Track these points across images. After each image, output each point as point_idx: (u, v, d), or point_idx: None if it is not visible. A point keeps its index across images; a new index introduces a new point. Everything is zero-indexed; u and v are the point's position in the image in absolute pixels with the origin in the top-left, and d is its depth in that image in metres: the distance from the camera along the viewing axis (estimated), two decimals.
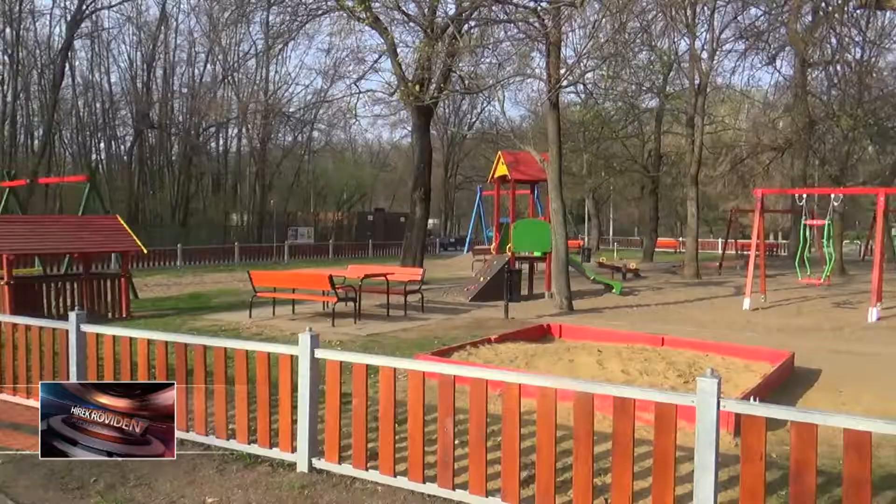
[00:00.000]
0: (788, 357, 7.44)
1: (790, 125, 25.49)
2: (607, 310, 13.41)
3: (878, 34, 23.24)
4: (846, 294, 16.09)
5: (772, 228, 49.83)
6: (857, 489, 3.06)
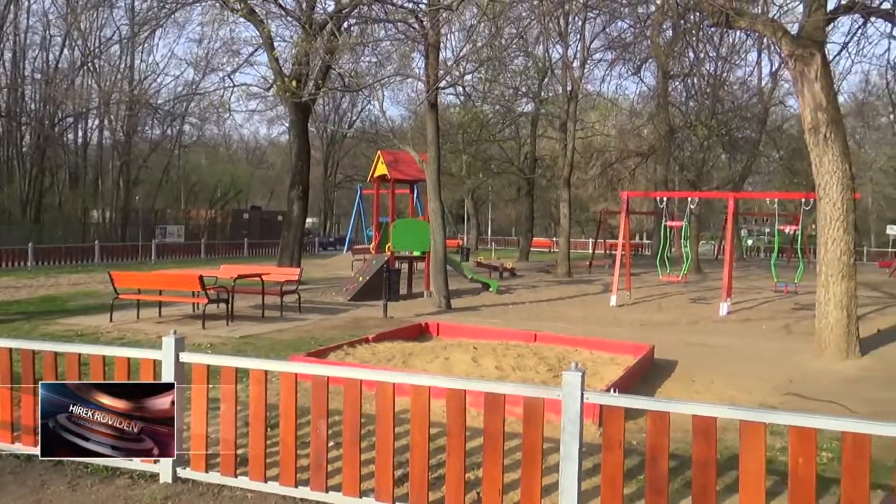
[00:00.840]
0: (649, 350, 7.93)
1: (653, 133, 27.19)
2: (484, 308, 13.73)
3: (729, 51, 25.29)
4: (701, 290, 17.38)
5: (637, 229, 53.02)
6: (704, 470, 3.30)
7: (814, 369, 8.35)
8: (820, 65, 9.08)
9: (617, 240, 17.87)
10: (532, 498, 3.56)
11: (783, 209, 28.92)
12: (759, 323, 12.15)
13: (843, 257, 8.96)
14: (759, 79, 31.45)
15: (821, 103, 9.02)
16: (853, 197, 9.41)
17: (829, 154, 9.03)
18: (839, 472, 3.18)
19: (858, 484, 3.05)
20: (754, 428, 3.19)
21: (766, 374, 7.93)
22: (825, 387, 7.39)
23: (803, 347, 9.59)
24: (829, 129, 9.01)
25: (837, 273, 8.93)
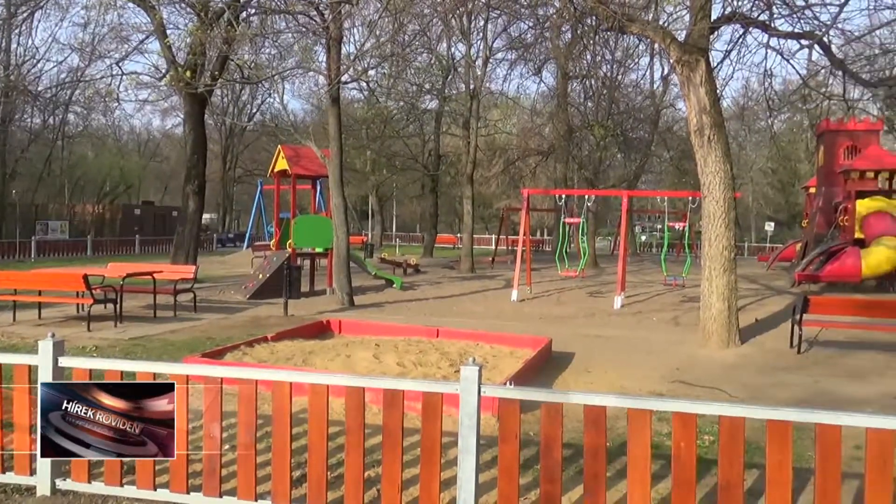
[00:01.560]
0: (547, 343, 8.16)
1: (553, 132, 27.94)
2: (388, 304, 13.70)
3: (623, 55, 26.39)
4: (598, 285, 18.05)
5: (538, 225, 54.46)
6: (595, 457, 3.42)
7: (699, 358, 8.86)
8: (704, 71, 9.62)
9: (519, 236, 18.27)
10: (431, 492, 3.58)
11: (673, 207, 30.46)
12: (650, 315, 12.75)
13: (725, 252, 9.55)
14: (651, 82, 33.09)
15: (705, 107, 9.56)
16: (734, 196, 10.04)
17: (712, 155, 9.59)
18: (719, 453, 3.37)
19: (734, 464, 3.26)
20: (640, 415, 3.34)
21: (655, 363, 8.33)
22: (709, 374, 7.85)
23: (690, 337, 10.15)
24: (712, 131, 9.56)
25: (720, 267, 9.51)
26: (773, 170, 53.12)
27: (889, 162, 18.78)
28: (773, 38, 11.33)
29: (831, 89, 15.46)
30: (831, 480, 3.17)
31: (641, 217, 54.63)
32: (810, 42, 8.10)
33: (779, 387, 7.33)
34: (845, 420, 3.19)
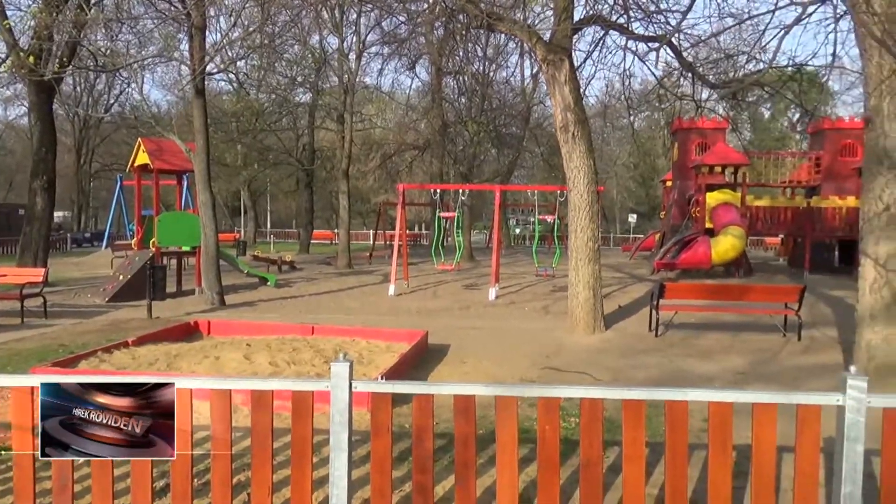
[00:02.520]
0: (423, 336, 8.24)
1: (429, 127, 28.22)
2: (261, 303, 13.30)
3: (495, 52, 27.06)
4: (473, 277, 18.43)
5: (416, 220, 54.79)
6: (465, 445, 3.49)
7: (567, 344, 9.27)
8: (568, 70, 10.04)
9: (395, 231, 18.27)
10: (303, 492, 3.51)
11: (544, 200, 31.66)
12: (523, 305, 13.20)
13: (590, 243, 10.05)
14: (522, 80, 34.17)
15: (569, 104, 9.99)
16: (598, 189, 10.58)
17: (577, 150, 10.04)
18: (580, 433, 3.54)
19: (594, 443, 3.44)
20: (507, 402, 3.45)
21: (527, 351, 8.63)
22: (576, 359, 8.24)
23: (559, 325, 10.61)
24: (576, 128, 10.02)
25: (585, 257, 10.00)
26: (634, 165, 56.46)
27: (734, 158, 20.46)
28: (630, 40, 12.06)
29: (684, 90, 16.59)
30: (679, 451, 3.42)
31: (515, 211, 56.35)
32: (658, 44, 8.65)
33: (639, 368, 7.82)
34: (690, 396, 3.45)
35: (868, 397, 3.34)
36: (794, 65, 12.50)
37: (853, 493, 3.35)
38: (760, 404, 3.41)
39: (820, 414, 3.39)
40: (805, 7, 4.86)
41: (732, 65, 15.79)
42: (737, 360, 8.33)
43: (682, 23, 10.51)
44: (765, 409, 3.39)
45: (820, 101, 26.07)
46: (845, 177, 20.40)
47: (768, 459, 3.42)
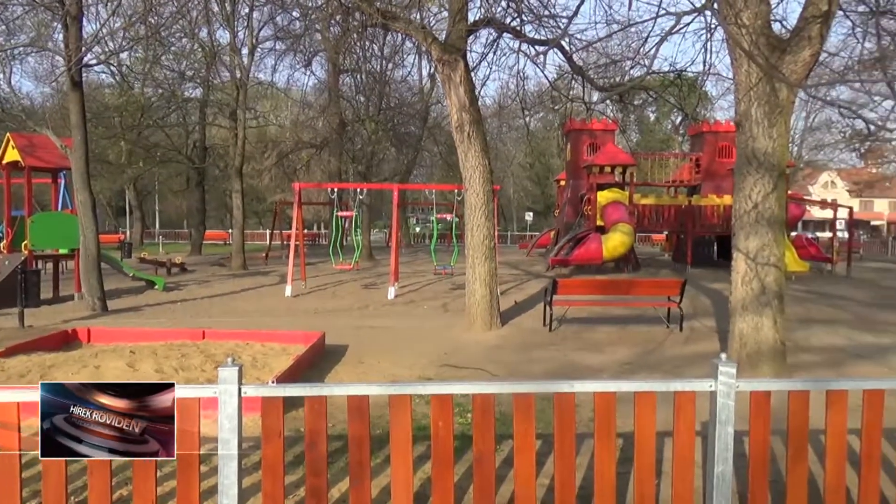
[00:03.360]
0: (320, 337, 8.11)
1: (326, 125, 27.80)
2: (148, 307, 12.67)
3: (392, 51, 27.00)
4: (372, 276, 18.35)
5: (315, 219, 53.94)
6: (360, 446, 3.47)
7: (465, 341, 9.40)
8: (463, 71, 10.17)
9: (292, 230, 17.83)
10: (190, 503, 3.37)
11: (444, 199, 31.94)
12: (422, 304, 13.27)
13: (486, 241, 10.23)
14: (420, 79, 34.32)
15: (464, 105, 10.12)
16: (493, 188, 10.78)
17: (472, 150, 10.19)
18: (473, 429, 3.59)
19: (486, 438, 3.50)
20: (400, 400, 3.45)
21: (426, 349, 8.68)
22: (473, 356, 8.37)
23: (457, 322, 10.74)
24: (471, 128, 10.16)
25: (481, 255, 10.17)
26: (530, 164, 58.02)
27: (622, 158, 21.43)
28: (523, 43, 12.37)
29: (575, 93, 17.19)
30: (567, 442, 3.54)
31: (415, 209, 56.60)
32: (546, 48, 8.94)
33: (533, 362, 8.04)
34: (577, 387, 3.58)
35: (737, 382, 3.58)
36: (675, 71, 13.26)
37: (724, 471, 3.59)
38: (640, 393, 3.58)
39: (694, 399, 3.61)
40: (679, 17, 5.15)
41: (618, 69, 16.54)
42: (625, 352, 8.73)
43: (569, 27, 10.87)
44: (644, 397, 3.57)
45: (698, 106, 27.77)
46: (722, 176, 21.81)
47: (649, 444, 3.59)
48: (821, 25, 7.06)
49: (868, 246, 39.30)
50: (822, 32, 7.13)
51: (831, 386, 3.73)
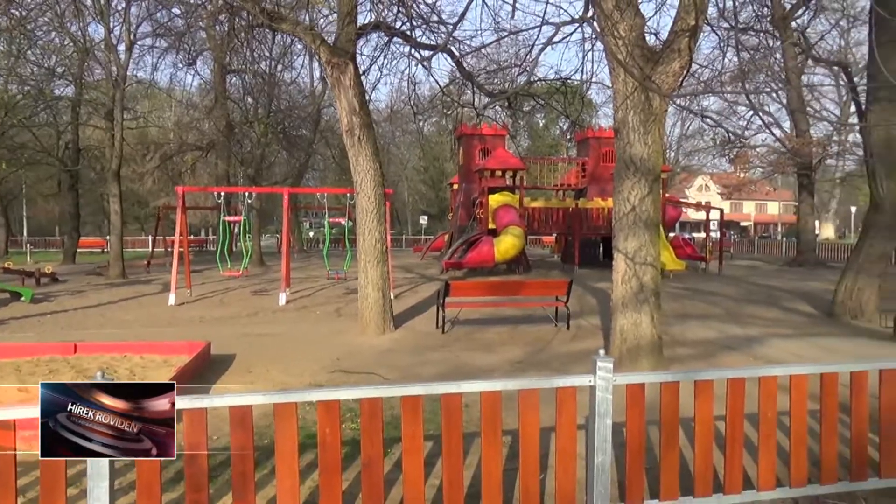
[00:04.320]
0: (205, 346, 7.79)
1: (213, 127, 26.78)
2: (13, 321, 11.71)
3: (281, 52, 26.37)
4: (263, 283, 17.85)
5: (202, 224, 51.88)
6: (243, 457, 3.35)
7: (358, 346, 9.32)
8: (353, 74, 10.09)
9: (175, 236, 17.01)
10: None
11: (338, 203, 31.52)
12: (314, 309, 13.03)
13: (378, 245, 10.19)
14: (311, 81, 33.76)
15: (355, 108, 10.05)
16: (385, 192, 10.75)
17: (363, 154, 10.13)
18: (361, 433, 3.56)
19: (374, 442, 3.48)
20: (285, 409, 3.37)
21: (317, 355, 8.53)
22: (366, 360, 8.31)
23: (350, 327, 10.63)
24: (362, 131, 10.10)
25: (374, 259, 10.12)
26: (424, 168, 58.40)
27: (512, 163, 21.97)
28: (414, 48, 12.44)
29: (467, 98, 17.47)
30: (455, 442, 3.58)
31: (308, 213, 55.52)
32: (432, 52, 9.05)
33: (426, 364, 8.08)
34: (464, 388, 3.63)
35: (614, 377, 3.75)
36: (560, 79, 13.74)
37: (604, 462, 3.75)
38: (524, 390, 3.68)
39: (575, 395, 3.74)
40: (558, 27, 5.35)
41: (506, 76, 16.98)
42: (515, 351, 8.94)
43: (455, 31, 11.03)
44: (528, 394, 3.67)
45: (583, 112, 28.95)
46: (606, 180, 22.83)
47: (533, 440, 3.70)
48: (689, 39, 7.53)
49: (738, 245, 42.32)
50: (690, 45, 7.61)
51: (699, 376, 3.99)
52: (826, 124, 27.84)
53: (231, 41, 21.92)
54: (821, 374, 4.16)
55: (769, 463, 4.06)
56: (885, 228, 11.86)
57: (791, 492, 4.12)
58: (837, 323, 11.49)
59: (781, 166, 29.34)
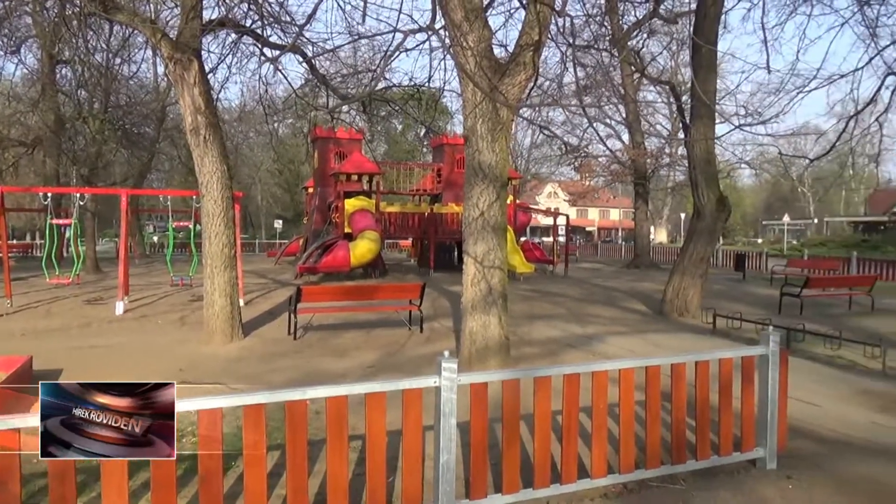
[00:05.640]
0: (26, 361, 7.09)
1: (39, 121, 24.47)
2: None
3: (121, 44, 24.61)
4: (99, 290, 16.50)
5: (29, 227, 47.33)
6: (62, 479, 3.10)
7: (203, 355, 8.89)
8: (198, 71, 9.63)
9: None
10: None
11: (185, 206, 29.86)
12: (156, 318, 12.26)
13: (226, 249, 9.79)
14: (155, 77, 31.81)
15: (200, 107, 9.59)
16: (233, 195, 10.35)
17: (209, 155, 9.69)
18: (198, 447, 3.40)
19: (212, 454, 3.33)
20: None
21: (157, 367, 8.04)
22: (212, 370, 7.95)
23: (195, 336, 10.12)
24: (208, 131, 9.66)
25: (221, 264, 9.70)
26: (279, 171, 56.91)
27: (368, 167, 21.93)
28: (265, 47, 12.09)
29: (323, 101, 17.21)
30: (299, 449, 3.52)
31: (153, 216, 52.21)
32: (280, 52, 8.86)
33: (277, 372, 7.87)
34: (309, 394, 3.57)
35: (458, 377, 3.85)
36: (414, 85, 13.94)
37: (449, 461, 3.84)
38: (371, 394, 3.69)
39: (421, 396, 3.81)
40: (406, 35, 5.42)
41: (360, 80, 16.96)
42: (369, 355, 8.93)
43: (303, 31, 10.87)
44: (374, 398, 3.68)
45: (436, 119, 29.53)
46: (461, 186, 23.34)
47: (380, 444, 3.71)
48: (533, 53, 7.91)
49: (583, 248, 45.03)
50: (535, 59, 8.00)
51: (538, 373, 4.20)
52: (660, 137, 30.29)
53: (61, 29, 20.19)
54: (646, 367, 4.52)
55: (602, 452, 4.35)
56: (706, 233, 13.13)
57: (621, 477, 4.43)
58: (666, 320, 12.55)
59: (620, 175, 31.59)
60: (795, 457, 5.03)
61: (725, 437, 4.78)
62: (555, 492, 4.19)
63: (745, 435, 4.87)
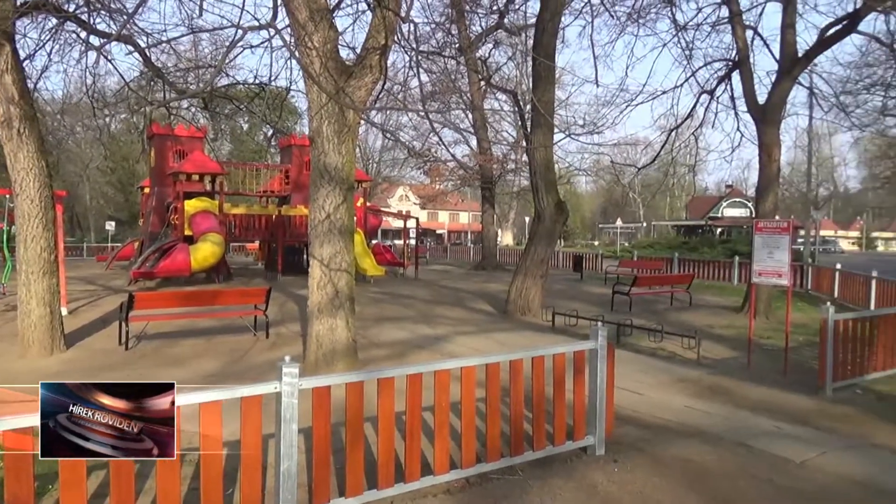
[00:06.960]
0: None
1: None
2: None
3: None
4: None
5: None
6: None
7: (16, 371, 8.04)
8: (11, 57, 8.72)
9: None
10: None
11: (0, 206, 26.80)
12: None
13: (45, 254, 8.93)
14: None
15: (13, 97, 8.69)
16: (54, 194, 9.47)
17: (24, 150, 8.80)
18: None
19: (22, 479, 3.04)
20: None
21: None
22: (27, 385, 7.20)
23: (8, 349, 9.13)
24: (23, 124, 8.78)
25: (39, 270, 8.84)
26: (111, 169, 52.85)
27: (211, 167, 20.94)
28: (92, 35, 11.16)
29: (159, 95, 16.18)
30: (125, 464, 3.30)
31: None
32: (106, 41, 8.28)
33: None
34: None
35: (300, 381, 3.79)
36: (258, 84, 13.50)
37: (290, 467, 3.75)
38: (206, 404, 3.53)
39: (261, 403, 3.70)
40: (245, 31, 5.25)
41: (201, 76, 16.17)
42: (210, 364, 8.52)
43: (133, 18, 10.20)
44: (209, 407, 3.53)
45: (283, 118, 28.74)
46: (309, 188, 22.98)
47: (215, 454, 3.56)
48: (380, 56, 7.95)
49: (433, 251, 45.85)
50: (381, 63, 8.04)
51: (382, 375, 4.22)
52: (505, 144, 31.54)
53: None
54: (486, 364, 4.68)
55: (444, 448, 4.45)
56: (546, 236, 13.86)
57: (463, 472, 4.56)
58: (511, 319, 13.09)
59: (468, 180, 32.52)
60: (621, 442, 5.44)
61: (559, 428, 5.07)
62: (399, 490, 4.24)
63: (577, 424, 5.20)
